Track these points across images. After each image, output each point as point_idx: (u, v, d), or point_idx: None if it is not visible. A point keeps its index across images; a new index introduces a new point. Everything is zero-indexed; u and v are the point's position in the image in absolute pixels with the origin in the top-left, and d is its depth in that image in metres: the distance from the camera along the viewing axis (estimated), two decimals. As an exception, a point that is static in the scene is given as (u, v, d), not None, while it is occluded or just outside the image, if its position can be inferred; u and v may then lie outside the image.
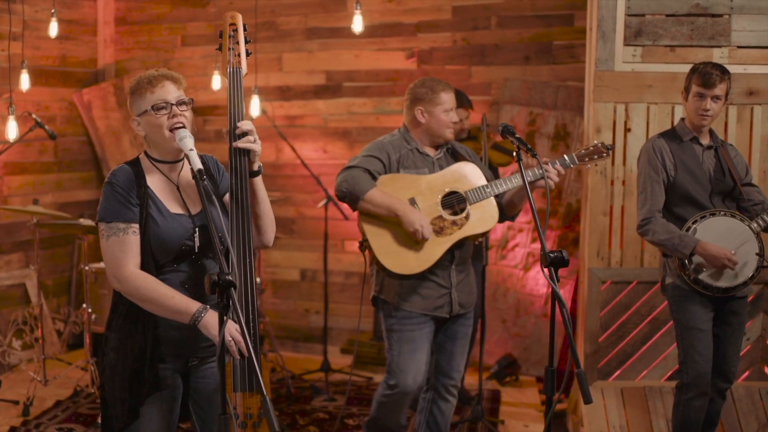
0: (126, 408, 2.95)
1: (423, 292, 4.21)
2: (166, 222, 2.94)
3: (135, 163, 3.03)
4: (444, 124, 4.28)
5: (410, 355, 4.24)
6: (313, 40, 7.14)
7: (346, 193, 4.11)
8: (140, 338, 2.95)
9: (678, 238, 4.14)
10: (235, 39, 3.07)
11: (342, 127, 7.12)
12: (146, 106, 2.93)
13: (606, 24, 5.11)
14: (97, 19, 7.53)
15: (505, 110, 6.65)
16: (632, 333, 5.27)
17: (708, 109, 4.15)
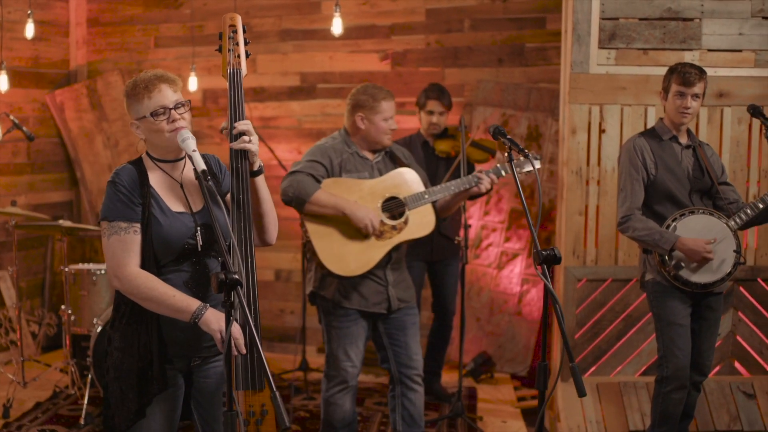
0: (132, 407, 2.97)
1: (362, 291, 4.37)
2: (168, 221, 2.97)
3: (138, 162, 3.05)
4: (382, 131, 4.41)
5: (350, 349, 4.42)
6: (287, 42, 7.19)
7: (292, 198, 4.22)
8: (145, 337, 2.97)
9: (658, 234, 4.26)
10: (234, 40, 3.10)
11: (316, 128, 7.17)
12: (144, 112, 2.95)
13: (581, 27, 5.22)
14: (69, 21, 7.51)
15: (479, 111, 6.75)
16: (607, 330, 5.38)
17: (689, 106, 4.29)
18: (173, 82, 3.03)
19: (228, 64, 3.08)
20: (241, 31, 3.12)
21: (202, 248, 3.01)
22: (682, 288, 4.30)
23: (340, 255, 4.29)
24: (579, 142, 5.29)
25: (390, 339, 4.50)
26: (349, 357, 4.42)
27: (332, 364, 4.45)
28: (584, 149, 5.30)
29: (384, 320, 4.48)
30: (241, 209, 3.00)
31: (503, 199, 6.70)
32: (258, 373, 2.95)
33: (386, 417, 5.56)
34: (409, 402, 4.52)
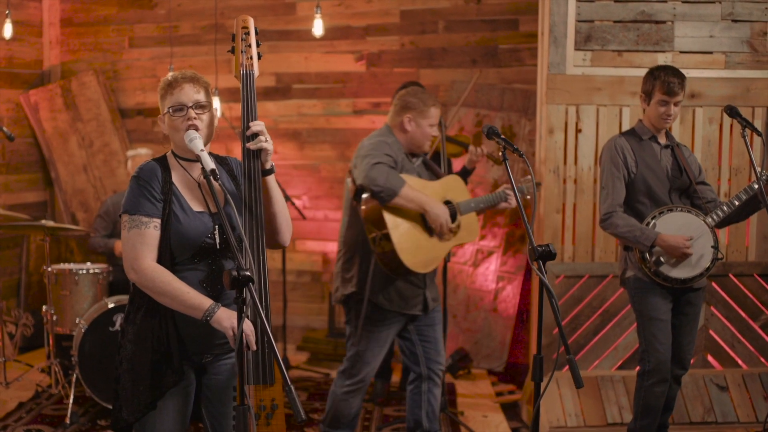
0: (144, 400, 3.01)
1: (403, 292, 4.47)
2: (188, 219, 3.01)
3: (162, 159, 3.11)
4: (426, 136, 4.52)
5: (378, 351, 4.53)
6: (262, 43, 7.20)
7: (382, 188, 4.24)
8: (159, 330, 3.02)
9: (639, 230, 4.38)
10: (247, 42, 3.14)
11: (292, 129, 7.23)
12: (165, 108, 3.03)
13: (557, 29, 5.34)
14: (42, 21, 7.48)
15: (453, 111, 6.85)
16: (584, 325, 5.51)
17: (671, 114, 4.42)
18: (197, 82, 3.08)
19: (241, 65, 3.12)
20: (254, 32, 3.16)
21: (220, 247, 3.06)
22: (663, 284, 4.43)
23: (414, 250, 4.36)
24: (556, 141, 5.41)
25: (420, 336, 4.62)
26: (376, 360, 4.53)
27: (356, 365, 4.53)
28: (561, 149, 5.42)
29: (418, 319, 4.60)
30: (252, 211, 3.04)
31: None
32: (268, 367, 3.01)
33: (368, 414, 5.64)
34: (434, 397, 4.66)
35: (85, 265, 5.85)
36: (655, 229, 4.39)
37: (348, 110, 7.12)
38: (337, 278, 4.65)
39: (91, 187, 7.42)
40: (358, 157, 4.42)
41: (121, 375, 3.08)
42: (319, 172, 7.14)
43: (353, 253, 4.54)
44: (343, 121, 7.10)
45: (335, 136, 7.16)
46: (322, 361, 6.75)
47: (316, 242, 7.22)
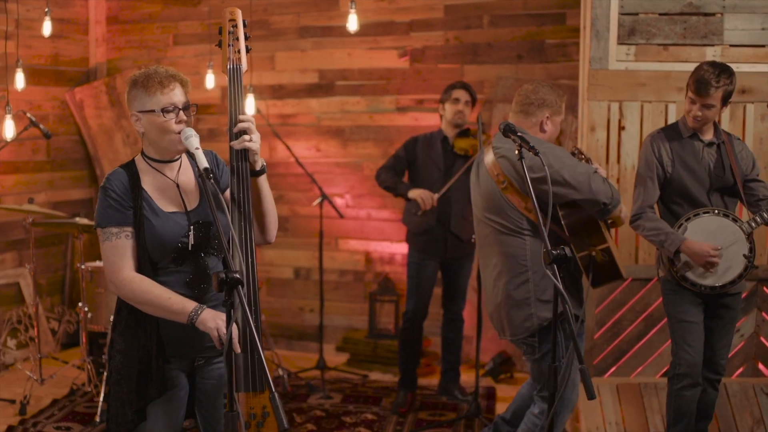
0: (133, 410, 2.95)
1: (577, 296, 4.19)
2: (160, 221, 2.93)
3: (130, 165, 3.02)
4: (557, 133, 4.27)
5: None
6: (306, 39, 7.15)
7: (611, 200, 3.98)
8: (144, 340, 2.96)
9: (665, 235, 4.19)
10: (234, 35, 3.04)
11: (335, 126, 7.13)
12: (154, 107, 2.90)
13: (600, 23, 5.14)
14: (88, 18, 7.52)
15: (498, 108, 6.68)
16: (627, 330, 5.31)
17: (698, 115, 4.19)
18: (185, 83, 3.01)
19: (228, 59, 3.02)
20: (242, 25, 3.06)
21: (194, 247, 2.97)
22: (691, 288, 4.24)
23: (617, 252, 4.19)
24: (598, 139, 5.21)
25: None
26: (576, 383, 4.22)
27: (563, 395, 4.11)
28: (603, 147, 5.23)
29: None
30: (241, 209, 2.95)
31: (523, 196, 6.63)
32: (259, 374, 2.91)
33: (402, 418, 5.52)
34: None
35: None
36: (685, 233, 4.20)
37: (391, 107, 6.99)
38: (520, 305, 4.07)
39: (135, 185, 7.41)
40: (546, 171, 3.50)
41: (111, 386, 3.03)
42: (362, 170, 7.03)
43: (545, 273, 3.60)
44: (386, 118, 6.98)
45: (378, 133, 7.03)
46: (362, 362, 6.64)
47: (358, 241, 7.11)
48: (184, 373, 3.07)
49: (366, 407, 5.66)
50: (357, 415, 5.51)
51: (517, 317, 4.09)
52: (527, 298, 4.05)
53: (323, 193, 6.16)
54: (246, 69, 3.05)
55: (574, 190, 3.91)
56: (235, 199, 2.95)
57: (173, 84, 2.93)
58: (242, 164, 2.95)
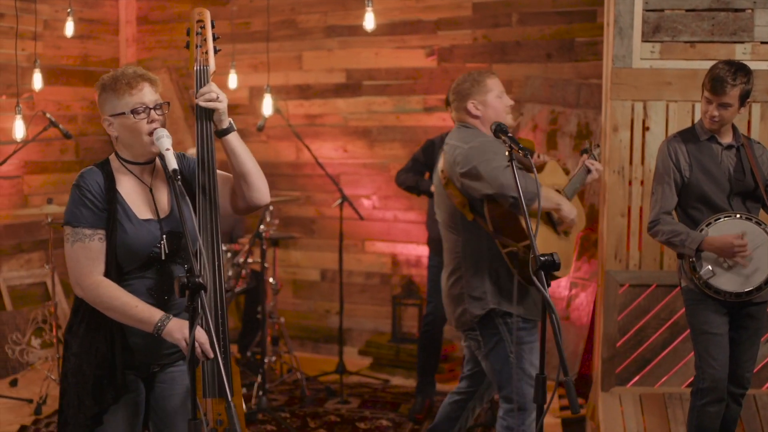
0: (89, 414, 2.88)
1: (535, 299, 4.07)
2: (134, 229, 2.86)
3: (104, 165, 2.95)
4: (501, 108, 4.10)
5: (536, 361, 4.05)
6: (332, 38, 7.07)
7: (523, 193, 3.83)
8: (103, 345, 2.88)
9: (685, 234, 4.01)
10: (202, 36, 2.98)
11: (362, 126, 7.04)
12: (123, 108, 2.84)
13: (623, 20, 4.96)
14: (119, 19, 7.54)
15: (527, 109, 6.52)
16: (651, 338, 5.12)
17: (714, 115, 4.01)
18: (154, 82, 2.94)
19: (195, 60, 2.96)
20: (210, 26, 3.00)
21: (167, 256, 2.91)
22: (715, 297, 4.04)
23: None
24: (621, 140, 5.04)
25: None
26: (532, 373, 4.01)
27: (525, 392, 4.01)
28: (627, 148, 5.05)
29: None
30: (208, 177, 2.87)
31: (552, 199, 6.46)
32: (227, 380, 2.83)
33: (418, 425, 5.40)
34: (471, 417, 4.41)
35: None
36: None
37: (419, 107, 6.88)
38: (456, 301, 4.11)
39: (164, 185, 7.41)
40: (467, 165, 3.86)
41: (66, 389, 2.94)
42: (389, 171, 6.91)
43: (478, 268, 4.00)
44: (413, 118, 6.86)
45: (405, 134, 6.92)
46: (384, 366, 6.54)
47: (385, 243, 7.01)
48: (140, 379, 3.00)
49: (382, 413, 5.55)
50: (372, 421, 5.40)
51: (455, 312, 4.12)
52: (461, 293, 4.07)
53: (343, 195, 6.07)
54: (214, 70, 2.98)
55: (487, 184, 3.82)
56: (201, 164, 2.87)
57: (141, 84, 2.87)
58: (205, 123, 2.88)
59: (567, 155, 6.42)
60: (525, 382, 4.02)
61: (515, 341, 4.01)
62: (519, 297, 3.99)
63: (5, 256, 6.64)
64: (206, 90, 2.89)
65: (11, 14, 6.23)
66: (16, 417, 5.35)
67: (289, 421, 5.34)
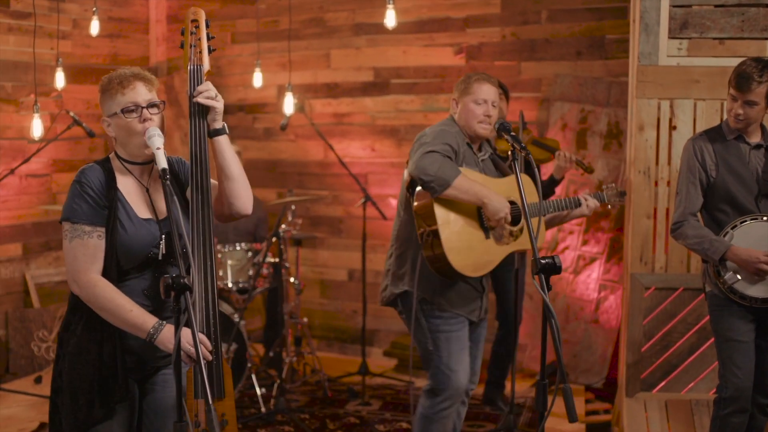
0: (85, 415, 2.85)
1: (462, 294, 4.09)
2: (134, 228, 2.85)
3: (105, 162, 2.93)
4: (471, 115, 4.08)
5: (460, 354, 4.08)
6: (360, 36, 7.01)
7: (434, 177, 3.82)
8: (100, 345, 2.86)
9: (708, 242, 3.87)
10: (197, 36, 2.96)
11: (390, 125, 6.97)
12: (116, 108, 2.83)
13: (649, 16, 4.84)
14: (149, 18, 7.55)
15: (556, 107, 6.40)
16: (678, 343, 4.99)
17: (739, 113, 3.87)
18: (148, 80, 2.91)
19: (189, 60, 2.93)
20: (204, 26, 2.98)
21: (164, 257, 2.89)
22: (740, 302, 3.90)
23: (465, 250, 3.95)
24: (647, 139, 4.91)
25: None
26: (462, 365, 4.06)
27: (440, 377, 4.06)
28: (653, 147, 4.92)
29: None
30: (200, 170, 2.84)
31: (581, 199, 6.34)
32: (216, 380, 2.80)
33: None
34: (459, 418, 4.26)
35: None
36: (731, 241, 3.86)
37: (446, 106, 6.75)
38: (387, 276, 4.23)
39: (193, 184, 7.41)
40: (414, 146, 4.04)
41: (59, 387, 2.91)
42: (417, 171, 6.83)
43: (405, 248, 4.12)
44: (441, 117, 6.67)
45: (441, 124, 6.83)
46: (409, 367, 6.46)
47: (412, 244, 6.92)
48: (135, 382, 2.98)
49: (403, 416, 5.48)
50: (392, 423, 5.33)
51: (381, 286, 4.28)
52: (388, 270, 4.20)
53: (366, 194, 6.01)
54: (208, 69, 2.94)
55: (412, 164, 3.91)
56: (193, 160, 2.85)
57: (134, 83, 2.84)
58: (200, 122, 2.86)
59: (596, 155, 6.29)
60: (438, 368, 4.07)
61: (429, 328, 4.07)
62: (440, 286, 4.03)
63: (33, 253, 6.68)
64: (205, 88, 2.86)
65: (39, 13, 6.27)
66: (37, 414, 5.37)
67: (307, 423, 5.29)
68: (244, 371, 5.41)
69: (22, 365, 6.33)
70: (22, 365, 6.33)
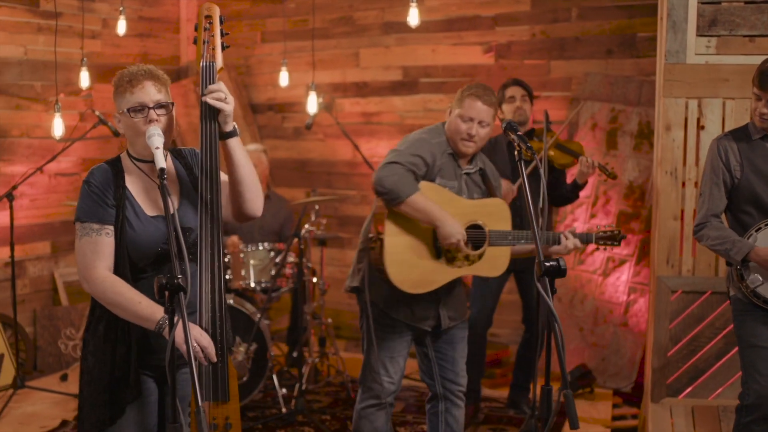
0: (102, 414, 2.87)
1: (411, 304, 3.96)
2: (142, 226, 2.85)
3: (115, 161, 2.94)
4: (456, 131, 3.94)
5: (390, 360, 4.03)
6: (389, 35, 6.96)
7: (387, 191, 3.77)
8: (119, 344, 2.87)
9: (731, 243, 3.76)
10: (210, 32, 2.91)
11: (418, 125, 6.86)
12: (125, 107, 2.83)
13: (676, 13, 4.73)
14: (179, 17, 7.58)
15: (586, 107, 6.30)
16: (705, 347, 4.87)
17: (764, 113, 3.75)
18: (159, 79, 2.89)
19: (201, 56, 2.89)
20: (218, 22, 2.93)
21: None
22: (764, 307, 3.78)
23: (407, 266, 3.85)
24: (674, 139, 4.80)
25: (437, 353, 4.11)
26: (387, 372, 4.03)
27: (368, 376, 4.08)
28: (680, 147, 4.82)
29: (433, 334, 4.10)
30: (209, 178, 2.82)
31: (611, 200, 6.23)
32: (221, 382, 2.78)
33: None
34: (453, 419, 4.17)
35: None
36: (755, 243, 3.75)
37: (475, 105, 6.70)
38: (352, 268, 4.21)
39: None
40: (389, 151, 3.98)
41: (81, 387, 2.95)
42: (445, 171, 6.77)
43: (365, 246, 4.07)
44: (470, 117, 6.68)
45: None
46: (436, 370, 6.39)
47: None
48: (153, 380, 2.97)
49: (425, 418, 5.39)
50: (413, 426, 5.28)
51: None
52: (353, 262, 4.16)
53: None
54: (221, 66, 2.90)
55: (375, 172, 3.86)
56: (203, 168, 2.82)
57: (143, 82, 2.83)
58: (210, 124, 2.82)
59: (627, 155, 6.18)
60: (366, 367, 4.07)
61: (368, 327, 4.04)
62: (387, 292, 3.93)
63: (62, 252, 6.73)
64: (216, 88, 2.83)
65: (68, 13, 6.31)
66: (61, 411, 5.40)
67: (328, 424, 5.25)
68: (265, 371, 5.38)
69: (50, 363, 6.39)
70: (49, 363, 6.39)
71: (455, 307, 4.09)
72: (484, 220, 3.91)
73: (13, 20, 6.16)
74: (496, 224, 3.94)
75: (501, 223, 3.96)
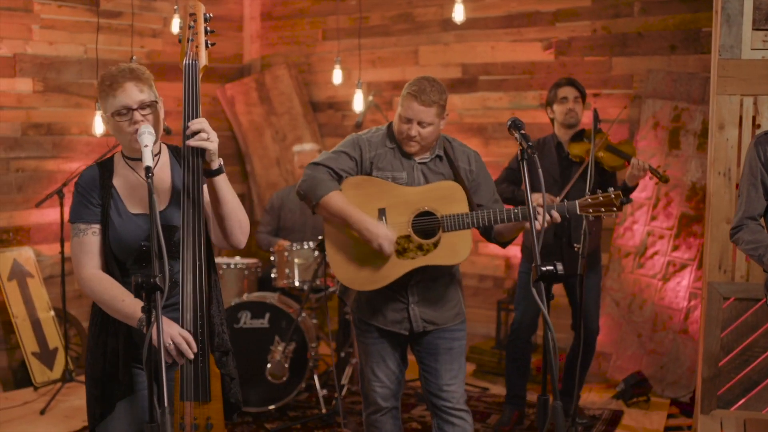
0: (98, 408, 2.92)
1: (378, 306, 3.79)
2: (123, 223, 2.88)
3: (107, 161, 2.99)
4: (397, 129, 3.70)
5: (377, 365, 3.84)
6: (449, 32, 6.86)
7: (303, 195, 3.67)
8: (112, 340, 2.92)
9: (764, 248, 3.55)
10: (194, 30, 2.88)
11: (477, 123, 6.79)
12: (109, 110, 2.83)
13: (731, 6, 4.51)
14: (243, 15, 7.62)
15: (648, 105, 6.08)
16: (759, 358, 4.63)
17: None
18: (140, 78, 2.85)
19: (185, 54, 2.86)
20: (203, 20, 2.90)
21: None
22: None
23: (354, 265, 3.70)
24: (728, 139, 4.58)
25: (421, 363, 3.88)
26: (377, 377, 3.85)
27: (363, 384, 3.94)
28: (734, 147, 4.59)
29: (416, 342, 3.86)
30: (193, 207, 2.78)
31: (673, 202, 5.99)
32: (202, 382, 2.77)
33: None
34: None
35: (233, 259, 5.83)
36: (791, 249, 3.53)
37: (535, 103, 6.55)
38: None
39: (283, 181, 7.44)
40: None
41: (85, 382, 3.02)
42: (505, 170, 6.63)
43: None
44: (529, 115, 6.53)
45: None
46: (487, 374, 6.27)
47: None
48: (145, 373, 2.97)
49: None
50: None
51: None
52: None
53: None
54: (204, 64, 2.87)
55: None
56: (188, 196, 2.78)
57: (123, 84, 2.80)
58: (196, 160, 2.77)
59: (690, 155, 5.93)
60: (362, 376, 3.96)
61: (356, 335, 3.95)
62: (357, 296, 3.83)
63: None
64: (198, 128, 2.75)
65: (126, 12, 6.40)
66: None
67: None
68: (305, 372, 5.33)
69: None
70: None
71: (434, 310, 3.80)
72: (435, 205, 3.64)
73: (73, 20, 6.28)
74: (449, 208, 3.64)
75: (455, 205, 3.65)
